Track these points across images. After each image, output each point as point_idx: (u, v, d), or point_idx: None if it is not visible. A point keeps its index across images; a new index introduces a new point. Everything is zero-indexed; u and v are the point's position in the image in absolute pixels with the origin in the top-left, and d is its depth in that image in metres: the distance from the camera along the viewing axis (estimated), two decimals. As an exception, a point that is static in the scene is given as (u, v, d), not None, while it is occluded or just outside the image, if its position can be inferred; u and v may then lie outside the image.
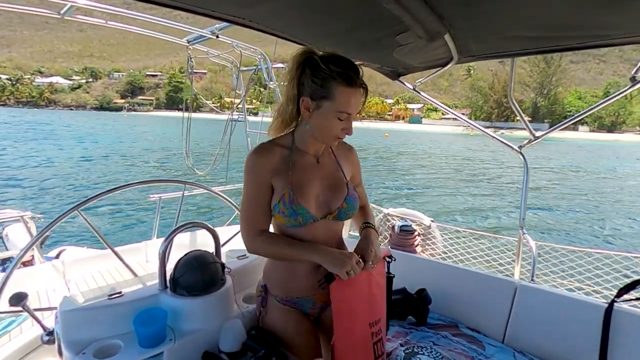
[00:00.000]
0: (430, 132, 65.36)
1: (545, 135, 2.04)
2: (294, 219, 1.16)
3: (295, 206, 1.15)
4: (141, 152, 20.99)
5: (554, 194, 13.40)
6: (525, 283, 1.82)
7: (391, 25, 1.29)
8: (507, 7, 1.09)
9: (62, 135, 31.65)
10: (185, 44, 3.21)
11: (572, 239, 8.60)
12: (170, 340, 1.22)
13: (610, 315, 1.51)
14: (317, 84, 1.10)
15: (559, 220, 10.23)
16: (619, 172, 21.76)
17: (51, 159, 17.83)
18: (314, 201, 1.20)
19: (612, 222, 10.48)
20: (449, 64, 1.89)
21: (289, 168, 1.19)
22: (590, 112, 1.98)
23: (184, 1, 1.16)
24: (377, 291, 1.24)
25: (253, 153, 1.19)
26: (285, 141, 1.25)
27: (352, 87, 1.09)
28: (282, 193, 1.16)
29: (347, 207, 1.24)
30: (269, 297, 1.31)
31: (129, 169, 15.81)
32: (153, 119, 79.48)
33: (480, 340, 1.78)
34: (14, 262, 1.66)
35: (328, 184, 1.24)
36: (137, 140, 29.00)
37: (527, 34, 1.36)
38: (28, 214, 3.40)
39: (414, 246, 3.12)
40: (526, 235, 2.06)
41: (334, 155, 1.32)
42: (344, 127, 1.14)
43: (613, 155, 31.30)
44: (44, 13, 2.28)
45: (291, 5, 1.24)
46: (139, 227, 8.15)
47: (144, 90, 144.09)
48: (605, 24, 1.18)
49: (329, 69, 1.08)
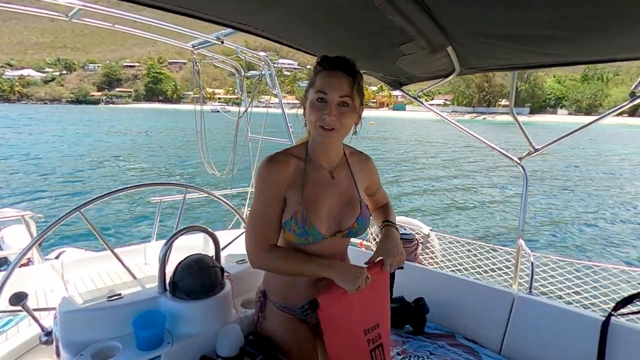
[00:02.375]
0: (415, 119, 67.23)
1: (545, 148, 2.05)
2: (305, 239, 1.13)
3: (308, 227, 1.11)
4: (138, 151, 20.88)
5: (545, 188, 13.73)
6: (523, 294, 1.83)
7: (395, 35, 1.31)
8: (510, 21, 1.11)
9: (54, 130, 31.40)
10: (190, 48, 3.24)
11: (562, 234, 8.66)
12: (168, 343, 1.22)
13: (607, 328, 1.51)
14: (309, 82, 1.14)
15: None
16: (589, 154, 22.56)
17: (39, 156, 17.75)
18: (326, 219, 1.16)
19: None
20: (450, 75, 1.91)
21: (302, 182, 1.15)
22: (595, 122, 1.97)
23: (193, 8, 1.19)
24: (374, 295, 1.19)
25: (267, 163, 1.14)
26: (299, 152, 1.21)
27: (329, 70, 1.09)
28: (294, 210, 1.12)
29: (358, 227, 1.21)
30: (268, 303, 1.30)
31: (126, 170, 15.78)
32: (133, 111, 76.98)
33: (477, 351, 1.78)
34: (15, 261, 1.66)
35: (341, 202, 1.20)
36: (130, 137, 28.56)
37: (529, 48, 1.38)
38: (28, 214, 3.40)
39: (413, 255, 3.12)
40: (524, 246, 2.07)
41: (350, 170, 1.26)
42: (324, 112, 1.06)
43: (588, 137, 32.79)
44: (52, 15, 2.30)
45: (297, 14, 1.26)
46: (139, 228, 8.14)
47: (121, 82, 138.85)
48: (607, 40, 1.21)
49: (315, 64, 1.12)
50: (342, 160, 1.25)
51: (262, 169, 1.14)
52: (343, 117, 1.08)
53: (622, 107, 1.79)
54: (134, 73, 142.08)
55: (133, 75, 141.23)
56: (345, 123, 1.10)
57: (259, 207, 1.14)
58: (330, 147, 1.19)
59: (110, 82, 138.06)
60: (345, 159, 1.26)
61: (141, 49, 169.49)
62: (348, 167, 1.25)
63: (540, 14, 1.00)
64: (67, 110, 79.43)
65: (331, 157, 1.21)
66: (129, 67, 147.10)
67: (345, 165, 1.25)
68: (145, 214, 8.84)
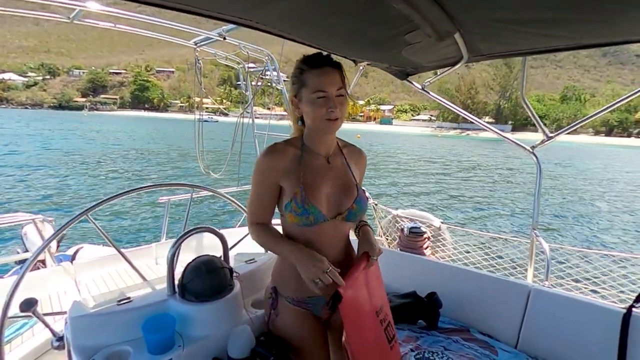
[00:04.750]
0: (401, 133, 68.00)
1: (557, 136, 2.00)
2: (305, 218, 1.17)
3: (307, 205, 1.17)
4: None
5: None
6: (538, 287, 1.78)
7: (400, 24, 1.26)
8: (520, 4, 1.06)
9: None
10: (193, 46, 3.22)
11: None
12: (179, 346, 1.21)
13: (629, 321, 1.46)
14: (295, 82, 1.21)
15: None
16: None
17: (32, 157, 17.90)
18: (325, 201, 1.21)
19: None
20: (458, 63, 1.85)
21: (299, 168, 1.21)
22: (598, 115, 2.00)
23: (193, 4, 1.16)
24: (373, 279, 1.29)
25: (263, 154, 1.23)
26: (296, 141, 1.28)
27: (318, 68, 1.17)
28: (293, 192, 1.18)
29: (357, 208, 1.25)
30: (280, 298, 1.29)
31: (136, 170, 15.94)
32: (120, 119, 74.92)
33: (492, 345, 1.75)
34: (26, 265, 1.67)
35: (339, 184, 1.26)
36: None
37: (539, 31, 1.32)
38: (39, 217, 3.45)
39: (424, 248, 3.07)
40: (539, 237, 2.02)
41: (345, 158, 1.33)
42: (328, 107, 1.15)
43: (565, 156, 33.97)
44: (54, 17, 2.29)
45: (298, 7, 1.22)
46: (150, 228, 8.23)
47: (107, 89, 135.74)
48: (614, 23, 1.15)
49: (298, 64, 1.20)
50: (337, 149, 1.33)
51: (260, 157, 1.23)
52: (342, 106, 1.19)
53: (622, 100, 1.86)
54: (120, 80, 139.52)
55: (119, 82, 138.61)
56: (344, 111, 1.20)
57: (254, 191, 1.26)
58: (331, 136, 1.27)
59: (95, 89, 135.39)
60: (339, 148, 1.34)
61: (128, 57, 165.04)
62: (343, 156, 1.33)
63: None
64: (49, 114, 78.36)
65: (328, 145, 1.29)
66: (115, 73, 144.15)
67: (340, 154, 1.33)
68: (155, 214, 8.94)
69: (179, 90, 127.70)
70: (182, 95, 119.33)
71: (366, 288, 1.24)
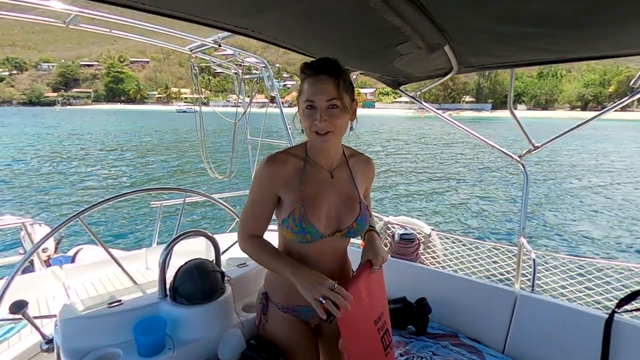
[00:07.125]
0: (385, 116, 69.06)
1: (545, 145, 2.04)
2: (302, 236, 1.14)
3: (305, 224, 1.12)
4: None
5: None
6: (525, 293, 1.82)
7: (391, 36, 1.30)
8: (508, 18, 1.10)
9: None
10: (188, 52, 3.24)
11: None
12: (169, 349, 1.22)
13: (611, 326, 1.50)
14: (298, 89, 1.14)
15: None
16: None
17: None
18: (325, 218, 1.16)
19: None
20: (449, 73, 1.91)
21: (301, 181, 1.16)
22: (596, 118, 2.02)
23: (189, 12, 1.18)
24: (374, 287, 1.24)
25: (265, 163, 1.16)
26: (299, 151, 1.22)
27: (312, 76, 1.10)
28: (292, 208, 1.13)
29: (357, 227, 1.21)
30: (270, 304, 1.30)
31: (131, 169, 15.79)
32: (95, 112, 72.00)
33: (480, 350, 1.78)
34: (15, 269, 1.66)
35: (341, 201, 1.20)
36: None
37: (528, 45, 1.37)
38: (29, 221, 3.40)
39: (414, 255, 3.11)
40: (526, 244, 2.06)
41: (350, 170, 1.26)
42: (314, 118, 1.07)
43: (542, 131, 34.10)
44: (49, 22, 2.30)
45: (292, 16, 1.25)
46: (140, 233, 8.14)
47: (79, 82, 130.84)
48: (605, 35, 1.20)
49: (300, 71, 1.13)
50: (342, 160, 1.26)
51: (260, 166, 1.17)
52: (334, 119, 1.08)
53: (623, 102, 1.81)
54: (92, 73, 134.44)
55: (92, 75, 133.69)
56: (338, 124, 1.10)
57: (251, 201, 1.20)
58: (329, 149, 1.20)
59: (67, 83, 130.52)
60: (345, 159, 1.27)
61: (100, 47, 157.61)
62: (348, 168, 1.26)
63: (539, 10, 1.00)
64: (19, 111, 74.78)
65: (330, 157, 1.22)
66: (86, 66, 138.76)
67: (345, 166, 1.26)
68: (148, 218, 8.85)
69: (155, 81, 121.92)
70: (159, 86, 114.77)
71: (367, 297, 1.20)
